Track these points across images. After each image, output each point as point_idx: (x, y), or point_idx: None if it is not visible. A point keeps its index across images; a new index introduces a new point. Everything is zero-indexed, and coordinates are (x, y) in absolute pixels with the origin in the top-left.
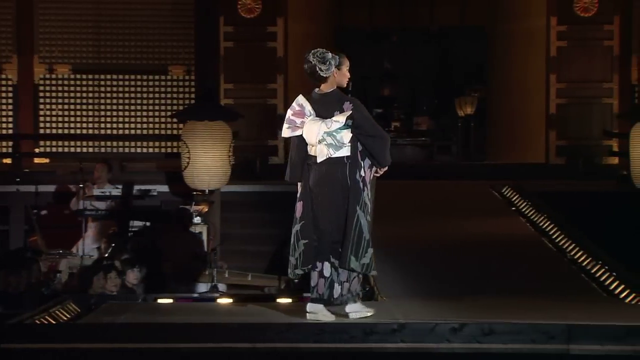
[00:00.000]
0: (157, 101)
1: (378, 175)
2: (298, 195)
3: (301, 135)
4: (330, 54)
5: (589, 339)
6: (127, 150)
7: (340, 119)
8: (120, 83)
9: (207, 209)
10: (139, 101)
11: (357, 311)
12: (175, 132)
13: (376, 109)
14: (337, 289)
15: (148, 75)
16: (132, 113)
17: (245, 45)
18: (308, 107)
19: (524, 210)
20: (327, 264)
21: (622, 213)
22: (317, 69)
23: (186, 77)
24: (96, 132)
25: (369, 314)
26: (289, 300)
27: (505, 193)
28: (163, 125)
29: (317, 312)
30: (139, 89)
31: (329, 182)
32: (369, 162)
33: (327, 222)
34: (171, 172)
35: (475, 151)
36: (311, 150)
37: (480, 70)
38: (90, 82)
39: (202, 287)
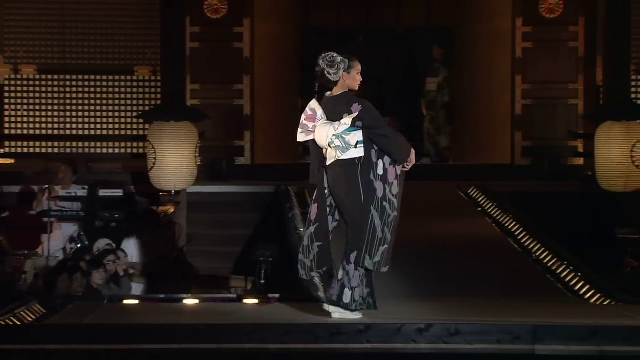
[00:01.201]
0: (123, 102)
1: (407, 169)
2: (313, 197)
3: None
4: (339, 57)
5: (555, 339)
6: (93, 151)
7: (347, 121)
8: (86, 83)
9: (173, 210)
10: (104, 102)
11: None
12: (141, 132)
13: None
14: (347, 294)
15: (114, 76)
16: (98, 114)
17: (212, 46)
18: (320, 111)
19: (489, 210)
20: (340, 268)
21: (587, 213)
22: (326, 72)
23: (152, 77)
24: (62, 132)
25: (354, 317)
26: (256, 301)
27: (471, 194)
28: (129, 126)
29: (340, 311)
30: (104, 89)
31: (341, 184)
32: (390, 159)
33: (351, 226)
34: (137, 172)
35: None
36: (325, 154)
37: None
38: (56, 83)
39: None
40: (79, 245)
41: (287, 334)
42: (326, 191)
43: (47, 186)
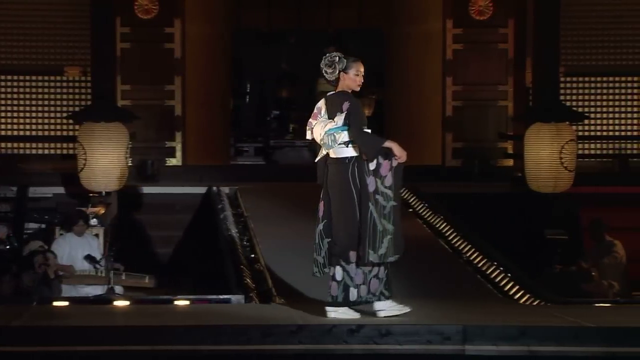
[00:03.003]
0: (52, 102)
1: (400, 161)
2: (320, 195)
3: None
4: (338, 57)
5: (484, 339)
6: (22, 151)
7: (337, 120)
8: (15, 84)
9: (103, 211)
10: (34, 102)
11: (383, 309)
12: (71, 133)
13: (274, 111)
14: (352, 293)
15: (43, 76)
16: (28, 114)
17: (142, 46)
18: (323, 109)
19: (420, 211)
20: (338, 268)
21: (517, 214)
22: (324, 72)
23: (82, 78)
24: None
25: (399, 312)
26: (187, 302)
27: (402, 194)
28: (59, 127)
29: (337, 310)
30: (34, 89)
31: (334, 183)
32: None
33: (337, 227)
34: (67, 173)
35: None
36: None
37: (377, 72)
38: None
39: (99, 290)
40: (7, 247)
41: (219, 334)
42: (326, 189)
43: None
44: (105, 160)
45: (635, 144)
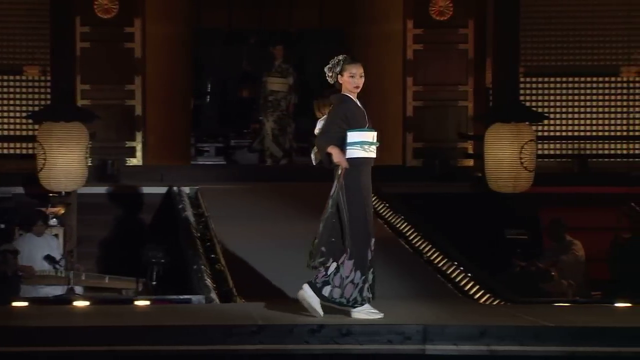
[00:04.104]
0: (11, 102)
1: (336, 168)
2: None
3: None
4: (337, 60)
5: (445, 339)
6: None
7: (319, 123)
8: None
9: (63, 211)
10: None
11: (360, 317)
12: (30, 133)
13: (237, 110)
14: (326, 290)
15: (2, 76)
16: None
17: (102, 46)
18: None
19: (381, 211)
20: (334, 263)
21: (477, 214)
22: (326, 75)
23: (41, 77)
24: None
25: (366, 317)
26: (147, 302)
27: None
28: (18, 126)
29: (311, 297)
30: None
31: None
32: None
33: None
34: (26, 173)
35: None
36: None
37: None
38: None
39: (58, 290)
40: None
41: (179, 335)
42: None
43: None
44: (64, 160)
45: (594, 144)
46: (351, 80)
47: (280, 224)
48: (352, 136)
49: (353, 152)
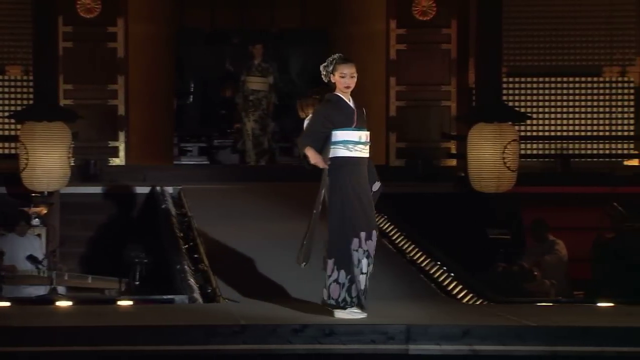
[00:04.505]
0: None
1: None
2: None
3: None
4: (331, 59)
5: (428, 338)
6: None
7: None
8: None
9: (46, 211)
10: None
11: (343, 317)
12: (13, 133)
13: (219, 110)
14: (324, 292)
15: None
16: None
17: (85, 46)
18: None
19: None
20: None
21: (460, 214)
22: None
23: (24, 77)
24: None
25: (349, 317)
26: (130, 302)
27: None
28: (0, 126)
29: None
30: None
31: None
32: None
33: None
34: (9, 173)
35: None
36: None
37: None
38: None
39: (41, 290)
40: None
41: (162, 335)
42: None
43: None
44: (47, 160)
45: (577, 144)
46: (342, 80)
47: (263, 224)
48: (336, 135)
49: (336, 151)
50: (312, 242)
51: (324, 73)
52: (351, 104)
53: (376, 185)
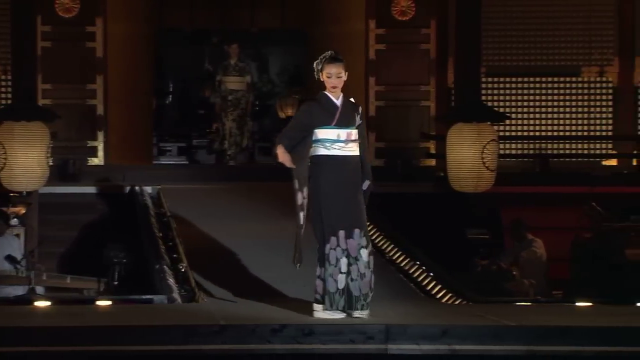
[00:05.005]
0: None
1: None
2: None
3: None
4: (322, 56)
5: (407, 338)
6: None
7: None
8: None
9: (24, 211)
10: None
11: (322, 317)
12: None
13: (198, 110)
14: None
15: None
16: None
17: (64, 45)
18: None
19: None
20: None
21: (439, 214)
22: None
23: (2, 76)
24: None
25: (327, 316)
26: (109, 302)
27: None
28: None
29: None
30: None
31: None
32: None
33: None
34: None
35: None
36: None
37: (301, 72)
38: None
39: (20, 290)
40: None
41: (141, 335)
42: None
43: None
44: (25, 160)
45: (555, 144)
46: (328, 80)
47: (243, 224)
48: (315, 134)
49: (316, 150)
50: (301, 242)
51: (315, 70)
52: (338, 102)
53: (365, 184)
